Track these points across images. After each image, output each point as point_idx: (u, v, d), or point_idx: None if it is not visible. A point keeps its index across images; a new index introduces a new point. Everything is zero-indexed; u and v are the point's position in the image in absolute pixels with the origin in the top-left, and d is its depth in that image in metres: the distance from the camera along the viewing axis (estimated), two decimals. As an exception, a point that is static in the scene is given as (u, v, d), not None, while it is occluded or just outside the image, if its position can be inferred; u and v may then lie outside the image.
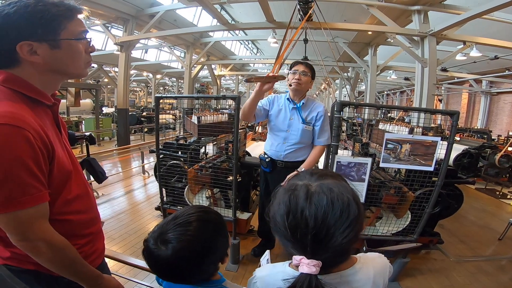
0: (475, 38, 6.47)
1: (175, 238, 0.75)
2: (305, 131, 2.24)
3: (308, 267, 0.57)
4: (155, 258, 0.75)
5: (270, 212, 0.67)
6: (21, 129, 0.72)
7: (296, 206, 0.61)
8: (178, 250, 0.74)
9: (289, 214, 0.61)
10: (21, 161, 0.72)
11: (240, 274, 2.55)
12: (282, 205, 0.63)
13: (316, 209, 0.59)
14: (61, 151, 0.87)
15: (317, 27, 5.80)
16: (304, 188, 0.63)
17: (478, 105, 14.17)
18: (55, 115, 0.93)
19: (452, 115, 2.03)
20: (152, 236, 0.78)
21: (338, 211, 0.59)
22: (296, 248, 0.61)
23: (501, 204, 4.84)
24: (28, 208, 0.75)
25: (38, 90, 0.83)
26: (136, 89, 27.73)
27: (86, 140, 1.59)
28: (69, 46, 0.83)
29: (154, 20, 8.13)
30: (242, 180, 2.80)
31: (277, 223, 0.63)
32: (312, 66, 2.28)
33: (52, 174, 0.81)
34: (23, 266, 0.86)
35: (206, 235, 0.79)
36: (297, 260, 0.59)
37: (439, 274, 2.65)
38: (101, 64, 13.90)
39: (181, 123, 9.48)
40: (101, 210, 3.90)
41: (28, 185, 0.74)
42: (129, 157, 7.62)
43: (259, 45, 18.96)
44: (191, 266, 0.77)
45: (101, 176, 1.39)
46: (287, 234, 0.61)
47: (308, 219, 0.59)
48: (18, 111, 0.74)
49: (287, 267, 0.72)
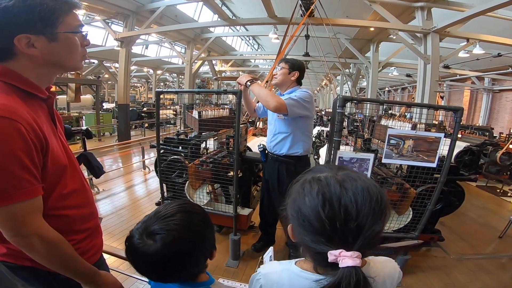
0: (479, 36, 6.43)
1: (162, 229, 0.71)
2: (278, 120, 2.29)
3: (352, 260, 0.52)
4: (142, 253, 0.71)
5: (292, 210, 0.62)
6: (13, 121, 0.71)
7: (330, 194, 0.56)
8: (167, 241, 0.70)
9: (324, 204, 0.56)
10: (13, 153, 0.71)
11: (241, 270, 2.55)
12: (311, 197, 0.58)
13: (355, 196, 0.56)
14: (56, 145, 0.86)
15: (319, 23, 5.76)
16: (331, 177, 0.59)
17: (480, 103, 14.11)
18: (50, 109, 0.91)
19: (456, 111, 2.01)
20: (137, 231, 0.74)
21: (374, 198, 0.56)
22: (332, 241, 0.55)
23: (502, 202, 4.84)
24: (21, 202, 0.73)
25: (32, 83, 0.82)
26: (136, 84, 27.70)
27: (83, 135, 1.57)
28: (67, 39, 0.83)
29: (155, 15, 8.09)
30: (243, 175, 2.78)
31: (307, 219, 0.57)
32: (292, 60, 2.37)
33: (46, 168, 0.80)
34: (20, 263, 0.85)
35: (193, 225, 0.77)
36: (335, 255, 0.53)
37: (440, 272, 2.65)
38: (102, 60, 13.87)
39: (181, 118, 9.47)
40: (102, 205, 3.91)
41: (21, 179, 0.73)
42: (130, 153, 7.63)
43: (260, 41, 18.86)
44: (181, 258, 0.73)
45: (98, 171, 1.37)
46: (322, 227, 0.55)
47: (349, 207, 0.55)
48: (10, 103, 0.73)
49: (293, 265, 0.70)
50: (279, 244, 3.00)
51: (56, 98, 0.96)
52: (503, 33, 6.51)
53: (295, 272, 0.68)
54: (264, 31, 9.61)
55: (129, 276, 2.13)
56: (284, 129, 2.29)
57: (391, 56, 9.84)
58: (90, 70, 14.57)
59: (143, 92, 27.07)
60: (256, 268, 2.58)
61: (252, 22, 8.31)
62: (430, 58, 5.91)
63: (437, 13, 6.25)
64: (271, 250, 0.98)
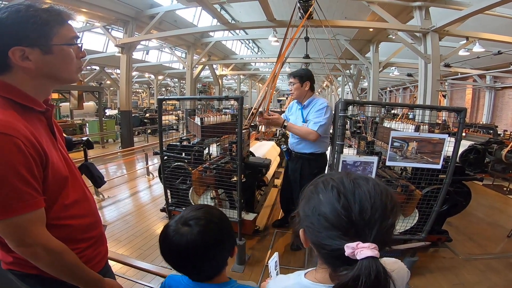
0: (478, 34, 6.40)
1: (199, 217, 0.81)
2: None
3: (370, 250, 0.51)
4: (178, 240, 0.78)
5: (305, 210, 0.63)
6: (12, 137, 0.71)
7: (345, 189, 0.58)
8: (204, 226, 0.79)
9: (339, 196, 0.57)
10: (14, 168, 0.72)
11: (247, 275, 2.55)
12: (326, 193, 0.60)
13: (368, 190, 0.57)
14: (56, 157, 0.87)
15: (318, 25, 5.77)
16: (343, 177, 0.61)
17: (483, 100, 14.03)
18: (49, 121, 0.92)
19: (459, 112, 1.99)
20: (175, 221, 0.82)
21: (385, 193, 0.58)
22: (348, 234, 0.54)
23: (509, 200, 4.79)
24: (24, 214, 0.75)
25: (29, 97, 0.82)
26: (138, 90, 27.83)
27: (84, 145, 1.58)
28: (61, 51, 0.83)
29: (154, 21, 8.13)
30: (246, 180, 2.78)
31: (323, 213, 0.58)
32: (299, 72, 2.72)
33: (47, 180, 0.81)
34: (26, 271, 0.87)
35: (224, 218, 0.88)
36: (352, 247, 0.52)
37: (448, 272, 2.62)
38: (103, 66, 13.95)
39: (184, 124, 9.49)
40: (107, 212, 3.92)
41: (22, 192, 0.74)
42: (134, 159, 7.64)
43: (260, 44, 18.94)
44: (214, 246, 0.80)
45: (99, 181, 1.39)
46: (338, 219, 0.55)
47: (363, 199, 0.56)
48: (8, 118, 0.74)
49: (302, 278, 0.69)
50: (284, 249, 2.99)
51: (57, 106, 0.96)
52: (502, 31, 6.49)
53: (307, 286, 0.67)
54: (263, 34, 9.63)
55: (135, 282, 2.13)
56: None
57: (391, 56, 9.81)
58: (92, 77, 14.65)
59: (145, 97, 27.20)
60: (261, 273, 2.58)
61: (251, 26, 8.31)
62: (430, 57, 5.89)
63: (435, 12, 6.24)
64: (276, 255, 0.97)
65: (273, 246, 3.03)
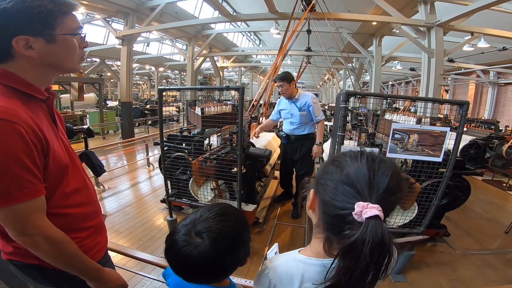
0: (483, 29, 6.33)
1: (212, 228, 0.72)
2: (302, 116, 3.33)
3: (377, 210, 0.53)
4: (188, 251, 0.70)
5: (323, 173, 0.64)
6: (13, 123, 0.71)
7: (372, 157, 0.62)
8: (216, 238, 0.71)
9: (367, 160, 0.60)
10: (14, 155, 0.71)
11: (246, 267, 2.54)
12: (348, 157, 0.63)
13: (390, 165, 0.61)
14: (57, 145, 0.86)
15: (320, 17, 5.71)
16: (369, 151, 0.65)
17: (485, 96, 13.93)
18: (50, 109, 0.92)
19: (461, 105, 1.98)
20: (183, 227, 0.74)
21: (398, 170, 0.61)
22: (363, 194, 0.57)
23: (508, 196, 4.79)
24: (24, 202, 0.74)
25: (31, 85, 0.82)
26: (139, 82, 27.75)
27: (85, 133, 1.59)
28: (65, 41, 0.83)
29: (155, 13, 8.06)
30: (246, 171, 2.78)
31: (346, 170, 0.60)
32: (285, 75, 3.30)
33: (47, 168, 0.81)
34: (27, 261, 0.87)
35: (241, 223, 0.79)
36: (362, 205, 0.54)
37: (445, 267, 2.64)
38: (104, 58, 13.88)
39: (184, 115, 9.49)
40: (107, 203, 3.93)
41: (23, 180, 0.74)
42: (134, 150, 7.66)
43: (262, 37, 18.76)
44: (226, 259, 0.73)
45: (99, 169, 1.39)
46: (359, 177, 0.58)
47: (386, 169, 0.59)
48: (9, 105, 0.74)
49: (297, 254, 0.71)
50: (283, 241, 3.01)
51: (57, 97, 0.96)
52: (508, 27, 6.41)
53: (302, 260, 0.69)
54: (265, 27, 9.54)
55: (135, 273, 2.15)
56: (304, 120, 3.35)
57: (394, 50, 9.73)
58: (93, 69, 14.59)
59: (146, 89, 27.12)
60: (260, 264, 2.60)
61: (253, 18, 8.21)
62: (434, 52, 5.83)
63: (440, 7, 6.16)
64: (276, 246, 0.97)
65: (272, 238, 3.05)
